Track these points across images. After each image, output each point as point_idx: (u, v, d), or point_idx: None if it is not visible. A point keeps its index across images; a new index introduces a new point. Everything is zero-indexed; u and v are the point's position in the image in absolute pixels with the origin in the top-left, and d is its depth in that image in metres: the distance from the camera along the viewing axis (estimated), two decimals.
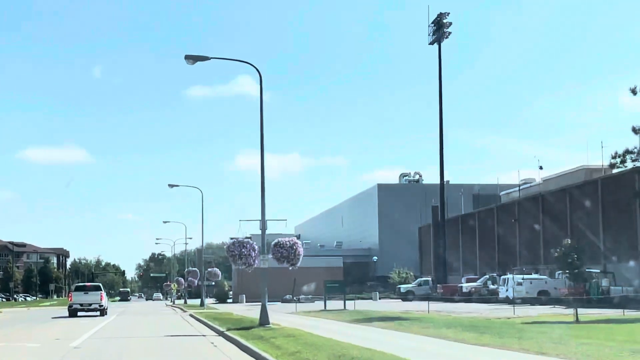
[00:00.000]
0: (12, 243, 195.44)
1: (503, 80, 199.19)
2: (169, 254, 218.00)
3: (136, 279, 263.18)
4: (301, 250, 30.06)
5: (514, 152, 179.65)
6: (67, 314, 48.70)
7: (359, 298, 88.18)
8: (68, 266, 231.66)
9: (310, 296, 77.58)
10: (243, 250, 29.78)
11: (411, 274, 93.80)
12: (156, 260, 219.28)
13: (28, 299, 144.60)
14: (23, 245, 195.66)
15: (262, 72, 28.42)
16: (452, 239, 78.92)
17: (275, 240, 29.16)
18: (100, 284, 51.59)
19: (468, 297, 56.69)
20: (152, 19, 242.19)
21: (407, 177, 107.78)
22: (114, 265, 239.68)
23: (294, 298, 75.28)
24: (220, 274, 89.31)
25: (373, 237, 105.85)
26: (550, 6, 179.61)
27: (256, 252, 29.71)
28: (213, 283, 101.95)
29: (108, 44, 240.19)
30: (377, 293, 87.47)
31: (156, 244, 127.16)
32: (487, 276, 59.47)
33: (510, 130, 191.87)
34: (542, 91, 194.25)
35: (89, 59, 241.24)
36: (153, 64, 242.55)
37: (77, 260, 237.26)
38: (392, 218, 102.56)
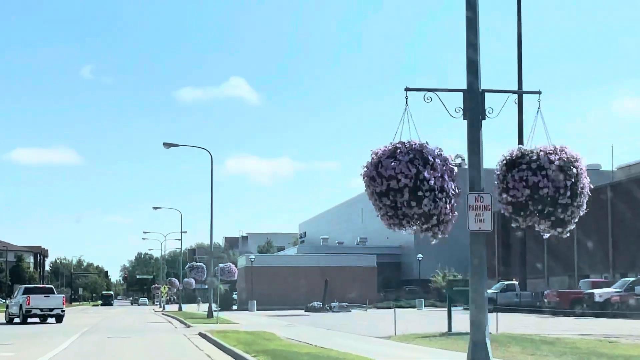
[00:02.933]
0: None
1: None
2: (157, 254, 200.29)
3: (121, 281, 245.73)
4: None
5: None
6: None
7: (397, 306, 70.49)
8: (47, 266, 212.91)
9: (345, 304, 59.50)
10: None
11: (459, 276, 75.86)
12: (142, 260, 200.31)
13: None
14: None
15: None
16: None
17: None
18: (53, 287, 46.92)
19: (600, 310, 38.88)
20: (142, 18, 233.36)
21: None
22: (97, 267, 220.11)
23: (326, 306, 57.19)
24: (236, 271, 71.41)
25: (404, 232, 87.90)
26: None
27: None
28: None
29: (98, 44, 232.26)
30: (422, 300, 69.57)
31: (143, 239, 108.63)
32: (632, 279, 41.43)
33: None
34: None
35: (78, 58, 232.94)
36: (144, 64, 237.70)
37: (57, 261, 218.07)
38: None
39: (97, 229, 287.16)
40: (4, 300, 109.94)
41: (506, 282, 57.28)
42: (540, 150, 10.19)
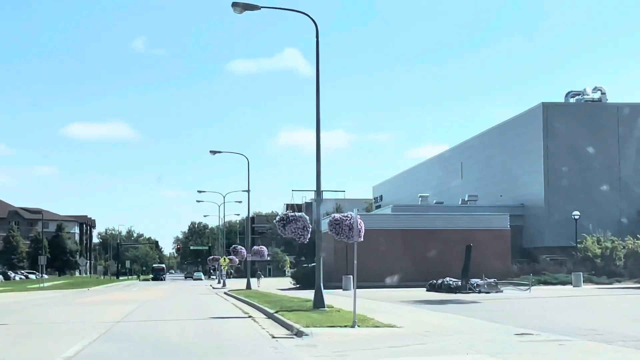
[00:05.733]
0: (24, 209, 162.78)
1: None
2: (212, 223, 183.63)
3: (174, 254, 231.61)
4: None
5: None
6: None
7: (542, 282, 51.50)
8: (95, 238, 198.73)
9: (493, 280, 40.61)
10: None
11: (619, 242, 56.51)
12: (196, 230, 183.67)
13: (32, 276, 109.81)
14: (38, 211, 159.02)
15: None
16: None
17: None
18: None
19: None
20: None
21: (580, 97, 69.78)
22: (148, 239, 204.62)
23: (469, 284, 38.65)
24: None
25: (528, 187, 68.61)
26: None
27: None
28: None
29: (150, 16, 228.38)
30: (580, 275, 50.43)
31: (198, 201, 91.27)
32: None
33: None
34: None
35: (130, 31, 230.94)
36: (195, 35, 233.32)
37: (106, 232, 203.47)
38: (569, 157, 65.13)
39: (150, 202, 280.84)
40: (42, 275, 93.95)
41: None
42: None
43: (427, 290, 42.93)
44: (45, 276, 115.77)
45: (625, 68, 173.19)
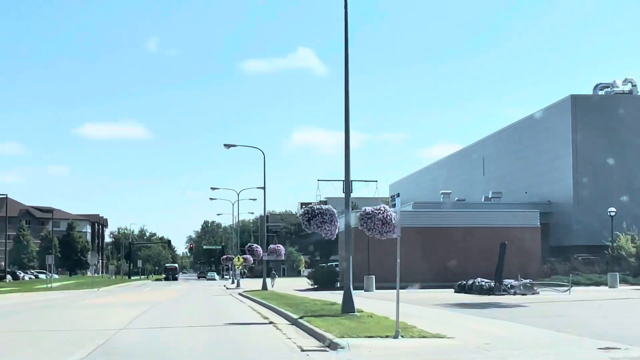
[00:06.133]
0: (35, 207, 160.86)
1: None
2: (225, 222, 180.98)
3: (187, 254, 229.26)
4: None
5: None
6: None
7: (580, 284, 48.37)
8: (107, 237, 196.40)
9: (529, 281, 37.70)
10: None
11: None
12: (209, 229, 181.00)
13: (42, 276, 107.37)
14: (49, 210, 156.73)
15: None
16: None
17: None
18: None
19: None
20: None
21: (609, 89, 66.65)
22: (161, 238, 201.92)
23: (503, 286, 35.89)
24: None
25: (555, 183, 65.49)
26: None
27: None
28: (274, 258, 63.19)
29: (163, 16, 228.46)
30: (617, 275, 47.42)
31: (211, 199, 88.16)
32: None
33: None
34: None
35: (144, 32, 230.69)
36: (208, 35, 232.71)
37: (118, 231, 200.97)
38: (599, 151, 61.96)
39: (163, 202, 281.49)
40: (51, 275, 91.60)
41: None
42: None
43: (455, 292, 40.10)
44: (56, 276, 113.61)
45: None
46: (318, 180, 22.38)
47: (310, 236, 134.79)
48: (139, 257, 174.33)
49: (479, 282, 37.96)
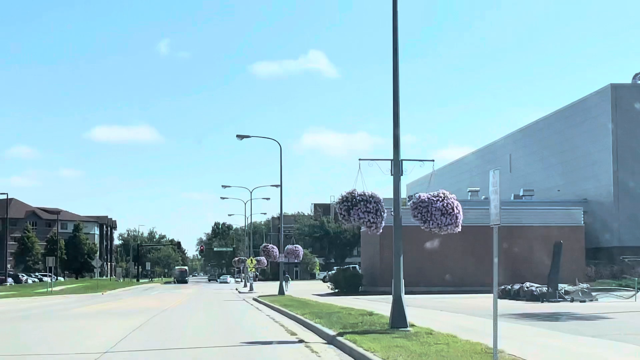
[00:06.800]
0: (41, 209, 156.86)
1: None
2: (236, 224, 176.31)
3: (198, 256, 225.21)
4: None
5: None
6: None
7: (622, 287, 43.59)
8: (116, 240, 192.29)
9: (586, 286, 33.00)
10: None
11: None
12: (220, 231, 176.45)
13: (47, 279, 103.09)
14: (56, 212, 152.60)
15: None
16: None
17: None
18: None
19: None
20: None
21: None
22: (171, 240, 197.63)
23: (558, 291, 31.19)
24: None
25: (592, 179, 60.60)
26: None
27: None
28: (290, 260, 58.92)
29: (173, 19, 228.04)
30: None
31: (222, 198, 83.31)
32: None
33: None
34: None
35: (155, 34, 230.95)
36: (219, 38, 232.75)
37: (127, 233, 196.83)
38: None
39: (174, 204, 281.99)
40: (55, 278, 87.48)
41: None
42: None
43: (499, 298, 35.44)
44: (61, 279, 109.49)
45: None
46: (359, 159, 17.83)
47: (324, 238, 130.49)
48: (148, 259, 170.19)
49: (528, 287, 33.31)
